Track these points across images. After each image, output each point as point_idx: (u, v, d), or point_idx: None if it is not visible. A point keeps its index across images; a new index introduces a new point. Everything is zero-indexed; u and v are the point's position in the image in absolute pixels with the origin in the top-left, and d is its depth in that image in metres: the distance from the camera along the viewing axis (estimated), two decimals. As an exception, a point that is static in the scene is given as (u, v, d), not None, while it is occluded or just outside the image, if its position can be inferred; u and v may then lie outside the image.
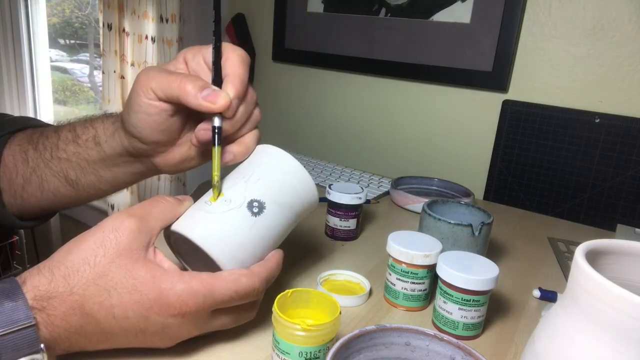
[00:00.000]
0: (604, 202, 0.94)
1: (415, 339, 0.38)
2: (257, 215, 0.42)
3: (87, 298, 0.35)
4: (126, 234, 0.37)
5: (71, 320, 0.35)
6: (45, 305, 0.34)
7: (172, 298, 0.36)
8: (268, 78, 1.43)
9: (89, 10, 2.19)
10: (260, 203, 0.43)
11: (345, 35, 1.23)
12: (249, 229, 0.42)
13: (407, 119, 1.20)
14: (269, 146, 0.49)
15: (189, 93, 0.42)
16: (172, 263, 0.40)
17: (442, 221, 0.59)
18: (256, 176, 0.45)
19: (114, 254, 0.36)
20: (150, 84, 0.43)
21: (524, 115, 1.00)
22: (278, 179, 0.45)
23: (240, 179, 0.45)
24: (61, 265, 0.36)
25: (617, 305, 0.26)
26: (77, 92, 2.34)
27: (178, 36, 1.39)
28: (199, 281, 0.37)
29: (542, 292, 0.59)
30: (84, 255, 0.36)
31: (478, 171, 1.10)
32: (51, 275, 0.35)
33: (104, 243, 0.37)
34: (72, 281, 0.35)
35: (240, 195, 0.43)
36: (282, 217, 0.45)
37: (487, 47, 1.03)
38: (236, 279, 0.39)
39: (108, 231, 0.37)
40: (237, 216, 0.42)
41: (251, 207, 0.42)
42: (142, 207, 0.40)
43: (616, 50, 0.91)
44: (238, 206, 0.42)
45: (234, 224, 0.42)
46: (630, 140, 0.90)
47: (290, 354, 0.39)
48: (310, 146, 1.37)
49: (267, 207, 0.43)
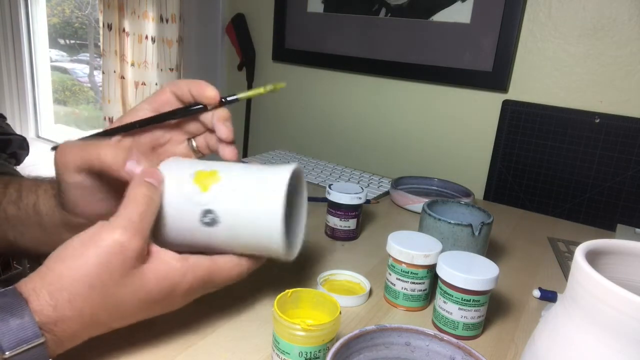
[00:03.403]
0: (604, 202, 0.94)
1: (415, 339, 0.38)
2: (206, 225, 0.40)
3: (98, 316, 0.35)
4: (134, 256, 0.36)
5: (79, 334, 0.35)
6: (53, 328, 0.33)
7: (179, 288, 0.39)
8: (268, 78, 1.43)
9: (89, 10, 2.19)
10: (215, 217, 0.40)
11: (345, 35, 1.23)
12: (198, 232, 0.41)
13: (407, 119, 1.20)
14: (286, 169, 0.42)
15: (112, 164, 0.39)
16: (167, 252, 0.39)
17: (442, 221, 0.59)
18: (232, 186, 0.41)
19: (120, 275, 0.35)
20: (72, 162, 0.40)
21: (524, 115, 1.00)
22: (245, 211, 0.40)
23: (226, 177, 0.41)
24: (63, 290, 0.34)
25: (617, 305, 0.26)
26: (77, 92, 2.34)
27: (178, 36, 1.39)
28: (204, 268, 0.40)
29: (542, 292, 0.59)
30: (88, 280, 0.34)
31: (478, 171, 1.10)
32: (54, 301, 0.33)
33: (110, 267, 0.34)
34: (80, 305, 0.34)
35: (208, 196, 0.40)
36: (229, 242, 0.41)
37: (487, 47, 1.03)
38: (233, 267, 0.42)
39: (114, 253, 0.35)
40: (188, 216, 0.41)
41: (205, 215, 0.40)
42: (141, 218, 0.37)
43: (616, 50, 0.91)
44: (196, 205, 0.40)
45: (184, 219, 0.41)
46: (630, 140, 0.90)
47: (290, 354, 0.39)
48: (310, 146, 1.37)
49: (220, 225, 0.40)
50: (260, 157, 1.11)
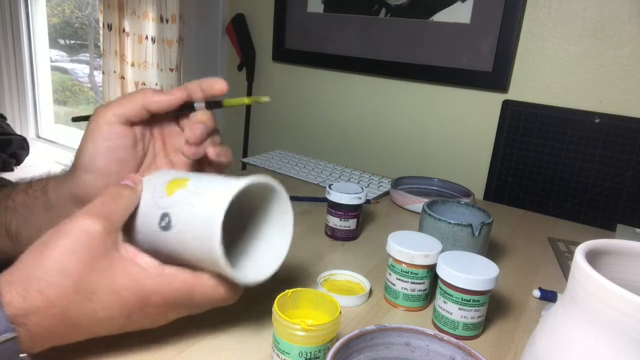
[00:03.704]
0: (604, 202, 0.94)
1: (415, 339, 0.38)
2: (162, 229, 0.39)
3: (69, 308, 0.35)
4: (97, 237, 0.36)
5: (54, 330, 0.35)
6: (25, 321, 0.33)
7: (153, 297, 0.37)
8: (268, 78, 1.43)
9: (89, 11, 2.20)
10: (169, 221, 0.39)
11: (345, 35, 1.23)
12: (155, 235, 0.40)
13: (407, 119, 1.20)
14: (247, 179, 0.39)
15: (151, 95, 0.43)
16: (147, 257, 0.39)
17: (442, 221, 0.59)
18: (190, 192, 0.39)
19: (87, 259, 0.35)
20: (112, 110, 0.43)
21: (524, 115, 1.00)
22: (191, 215, 0.38)
23: (192, 185, 0.40)
24: (32, 278, 0.34)
25: (617, 305, 0.26)
26: (77, 92, 2.34)
27: (178, 36, 1.39)
28: (180, 281, 0.38)
29: (542, 292, 0.59)
30: (57, 266, 0.34)
31: (478, 171, 1.10)
32: (24, 291, 0.33)
33: (75, 249, 0.35)
34: (51, 295, 0.34)
35: (169, 200, 0.40)
36: (179, 249, 0.40)
37: (487, 47, 1.03)
38: (215, 286, 0.39)
39: (77, 236, 0.35)
40: (150, 219, 0.40)
41: (162, 219, 0.39)
42: (104, 205, 0.38)
43: (616, 50, 0.91)
44: (158, 208, 0.40)
45: (146, 222, 0.40)
46: (630, 140, 0.90)
47: (290, 354, 0.39)
48: (310, 146, 1.37)
49: (173, 230, 0.39)
50: (260, 157, 1.11)
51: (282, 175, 1.00)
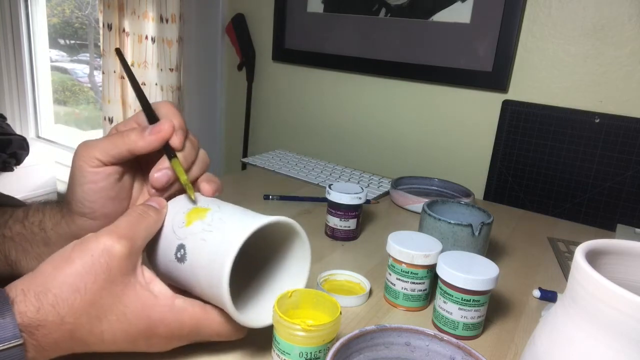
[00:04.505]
0: (604, 202, 0.94)
1: (415, 339, 0.38)
2: (178, 261, 0.40)
3: (79, 326, 0.35)
4: (117, 259, 0.36)
5: (61, 345, 0.35)
6: (34, 332, 0.33)
7: (160, 328, 0.38)
8: (268, 78, 1.43)
9: (89, 11, 2.20)
10: (184, 253, 0.39)
11: (345, 35, 1.23)
12: (171, 265, 0.40)
13: (407, 119, 1.20)
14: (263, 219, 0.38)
15: (135, 140, 0.42)
16: (161, 285, 0.39)
17: (442, 221, 0.59)
18: (206, 226, 0.39)
19: (104, 280, 0.35)
20: (93, 153, 0.42)
21: (524, 115, 1.00)
22: (204, 252, 0.38)
23: (209, 216, 0.40)
24: (48, 292, 0.34)
25: (617, 305, 0.26)
26: (77, 92, 2.34)
27: (178, 36, 1.39)
28: (189, 315, 0.39)
29: (542, 292, 0.59)
30: (73, 282, 0.34)
31: (478, 171, 1.10)
32: (39, 303, 0.33)
33: (94, 269, 0.35)
34: (62, 310, 0.34)
35: (186, 231, 0.40)
36: (191, 283, 0.40)
37: (487, 47, 1.03)
38: (223, 323, 0.40)
39: (98, 256, 0.35)
40: (168, 248, 0.40)
41: (179, 250, 0.40)
42: (129, 226, 0.38)
43: (616, 50, 0.91)
44: (175, 238, 0.40)
45: (165, 251, 0.40)
46: (630, 140, 0.90)
47: (291, 354, 0.39)
48: (310, 146, 1.37)
49: (186, 263, 0.39)
50: (260, 157, 1.11)
51: (282, 175, 1.00)
